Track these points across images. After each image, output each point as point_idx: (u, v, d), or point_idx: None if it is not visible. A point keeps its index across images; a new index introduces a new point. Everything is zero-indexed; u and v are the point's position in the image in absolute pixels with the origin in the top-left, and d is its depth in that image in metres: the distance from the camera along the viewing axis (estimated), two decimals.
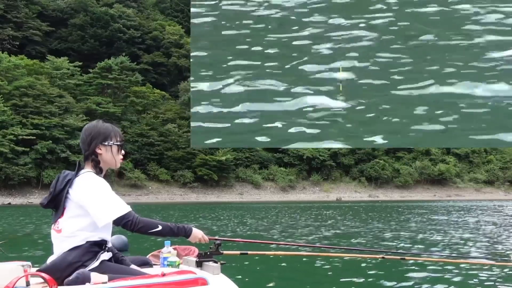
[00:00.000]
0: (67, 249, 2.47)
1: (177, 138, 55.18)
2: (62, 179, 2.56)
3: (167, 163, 54.62)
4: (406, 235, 11.43)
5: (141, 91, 58.47)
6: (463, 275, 5.77)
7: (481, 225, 14.86)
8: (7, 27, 59.26)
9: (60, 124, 47.44)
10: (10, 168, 43.29)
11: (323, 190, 62.17)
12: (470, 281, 5.42)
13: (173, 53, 68.61)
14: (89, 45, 65.57)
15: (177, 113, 59.19)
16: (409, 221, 17.13)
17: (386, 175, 65.84)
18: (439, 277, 5.66)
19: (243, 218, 18.91)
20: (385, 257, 4.11)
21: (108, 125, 2.69)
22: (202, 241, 2.76)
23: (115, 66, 56.43)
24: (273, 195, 57.70)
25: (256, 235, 11.41)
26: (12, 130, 44.18)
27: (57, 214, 2.56)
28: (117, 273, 2.44)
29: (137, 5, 75.17)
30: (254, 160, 60.82)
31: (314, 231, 12.69)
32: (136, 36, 68.24)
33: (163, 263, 2.79)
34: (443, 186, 69.24)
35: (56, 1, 67.82)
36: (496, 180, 72.71)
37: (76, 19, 66.40)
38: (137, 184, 51.34)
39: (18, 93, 47.32)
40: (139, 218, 2.53)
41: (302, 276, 5.81)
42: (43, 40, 63.11)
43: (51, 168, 45.44)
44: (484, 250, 8.47)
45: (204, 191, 54.92)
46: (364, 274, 5.84)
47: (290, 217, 20.21)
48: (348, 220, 17.68)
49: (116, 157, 2.68)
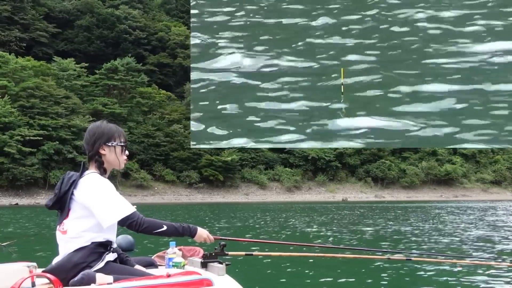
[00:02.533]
0: (72, 250, 2.47)
1: (182, 138, 55.29)
2: (67, 180, 2.57)
3: (173, 163, 54.74)
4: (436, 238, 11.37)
5: (147, 92, 58.66)
6: (470, 276, 5.73)
7: (487, 225, 14.76)
8: (14, 28, 59.66)
9: (66, 125, 47.68)
10: (17, 168, 43.55)
11: (328, 190, 62.03)
12: (474, 282, 5.38)
13: (178, 54, 68.78)
14: (95, 46, 65.87)
15: (182, 114, 59.31)
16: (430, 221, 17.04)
17: (392, 176, 65.61)
18: (445, 277, 5.62)
19: (287, 221, 17.61)
20: (390, 257, 4.09)
21: (112, 125, 2.69)
22: (207, 241, 2.75)
23: (121, 67, 56.65)
24: (279, 196, 57.66)
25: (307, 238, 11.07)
26: (19, 131, 44.45)
27: (62, 215, 2.56)
28: (122, 274, 2.44)
29: (143, 6, 75.45)
30: (260, 160, 60.83)
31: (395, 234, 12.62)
32: (142, 37, 68.47)
33: (168, 263, 2.79)
34: (450, 186, 68.87)
35: (63, 3, 68.19)
36: (503, 180, 72.24)
37: (82, 21, 66.73)
38: (143, 184, 51.49)
39: (25, 94, 47.61)
40: (143, 218, 2.53)
41: (307, 276, 5.79)
42: (50, 42, 63.48)
43: (58, 168, 45.67)
44: (490, 250, 8.41)
45: (210, 192, 54.97)
46: (370, 274, 5.82)
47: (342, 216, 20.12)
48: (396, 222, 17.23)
49: (119, 158, 2.68)
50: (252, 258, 6.44)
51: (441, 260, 5.82)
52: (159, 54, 69.10)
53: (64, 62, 55.09)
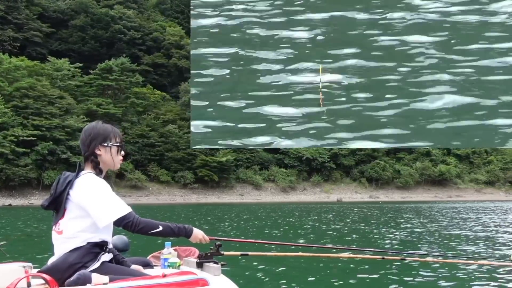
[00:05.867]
0: (68, 250, 2.47)
1: (177, 139, 55.21)
2: (62, 181, 2.57)
3: (168, 164, 54.64)
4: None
5: (141, 92, 58.52)
6: (464, 275, 5.77)
7: (482, 225, 14.86)
8: (7, 28, 59.34)
9: (60, 125, 47.48)
10: (11, 169, 43.32)
11: (323, 191, 62.15)
12: (472, 282, 5.42)
13: (173, 54, 68.68)
14: (90, 46, 65.63)
15: (177, 114, 59.25)
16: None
17: (386, 176, 65.82)
18: (439, 277, 5.65)
19: (304, 222, 17.14)
20: (385, 257, 4.12)
21: (108, 126, 2.70)
22: (202, 241, 2.76)
23: (115, 67, 56.49)
24: (274, 196, 57.69)
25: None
26: (13, 131, 44.21)
27: (57, 216, 2.56)
28: (118, 274, 2.44)
29: (138, 6, 75.27)
30: (255, 161, 60.85)
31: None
32: (137, 37, 68.31)
33: (163, 264, 2.79)
34: (444, 187, 69.20)
35: (57, 3, 67.91)
36: (496, 181, 72.67)
37: (77, 20, 66.48)
38: (138, 185, 51.35)
39: (18, 94, 47.37)
40: (139, 218, 2.53)
41: (302, 276, 5.81)
42: (44, 42, 63.18)
43: (51, 169, 45.48)
44: (485, 250, 8.47)
45: (205, 192, 54.91)
46: (365, 274, 5.84)
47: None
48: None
49: (115, 158, 2.68)
50: (248, 258, 6.45)
51: (436, 260, 5.85)
52: (154, 54, 68.96)
53: (58, 62, 54.84)
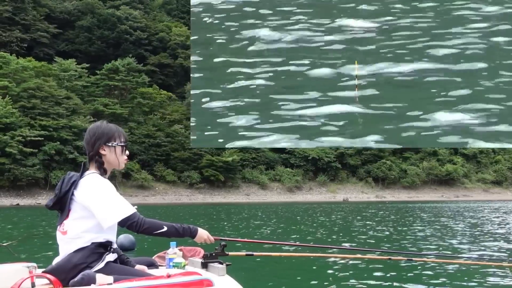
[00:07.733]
0: (72, 251, 2.47)
1: (183, 139, 55.30)
2: (67, 181, 2.56)
3: (174, 164, 54.76)
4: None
5: (147, 92, 58.69)
6: (473, 276, 5.72)
7: (491, 225, 14.75)
8: (15, 29, 59.74)
9: (67, 125, 47.73)
10: (19, 169, 43.60)
11: (329, 190, 62.02)
12: (481, 283, 5.37)
13: (179, 54, 68.82)
14: (96, 46, 65.93)
15: (183, 114, 59.33)
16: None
17: (393, 176, 65.58)
18: (446, 277, 5.61)
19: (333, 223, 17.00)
20: (391, 258, 4.09)
21: (112, 125, 2.69)
22: (207, 241, 2.75)
23: (122, 68, 56.71)
24: (280, 196, 57.66)
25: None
26: (21, 132, 44.49)
27: (62, 216, 2.56)
28: (122, 274, 2.44)
29: (144, 7, 75.52)
30: (261, 161, 60.84)
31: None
32: (143, 38, 68.53)
33: (168, 264, 2.78)
34: (451, 186, 68.84)
35: (63, 3, 68.27)
36: (504, 181, 72.19)
37: (83, 21, 66.80)
38: (144, 185, 51.51)
39: (26, 94, 47.66)
40: (144, 219, 2.52)
41: (308, 277, 5.78)
42: (51, 42, 63.55)
43: (59, 169, 45.71)
44: (495, 251, 8.40)
45: (211, 192, 54.99)
46: (371, 275, 5.81)
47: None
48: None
49: (119, 158, 2.67)
50: (253, 258, 6.44)
51: (442, 260, 5.81)
52: (160, 54, 69.15)
53: (65, 63, 55.15)
